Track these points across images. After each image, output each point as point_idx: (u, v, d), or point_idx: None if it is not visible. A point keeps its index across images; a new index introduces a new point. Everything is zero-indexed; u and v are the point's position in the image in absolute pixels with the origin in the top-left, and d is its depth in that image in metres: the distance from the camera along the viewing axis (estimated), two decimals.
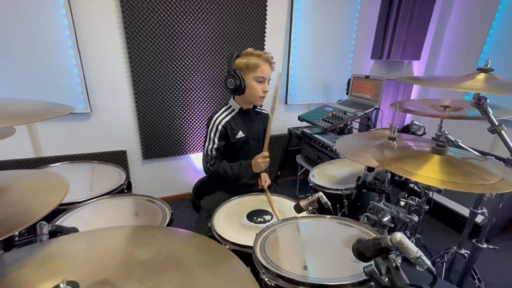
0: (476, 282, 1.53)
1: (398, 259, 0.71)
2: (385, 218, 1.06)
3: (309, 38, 2.61)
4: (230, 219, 1.16)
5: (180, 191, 2.61)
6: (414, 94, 3.16)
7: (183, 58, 2.19)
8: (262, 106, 1.62)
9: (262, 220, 1.16)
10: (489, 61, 0.98)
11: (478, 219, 1.49)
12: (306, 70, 2.72)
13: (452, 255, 1.55)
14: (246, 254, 0.90)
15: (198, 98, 2.36)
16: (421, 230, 1.80)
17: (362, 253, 0.58)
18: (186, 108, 2.34)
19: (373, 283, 0.59)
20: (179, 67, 2.20)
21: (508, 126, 1.11)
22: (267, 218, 1.17)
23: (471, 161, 0.85)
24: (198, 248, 0.72)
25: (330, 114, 2.37)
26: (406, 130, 1.55)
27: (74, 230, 0.83)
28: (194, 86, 2.30)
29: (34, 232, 0.77)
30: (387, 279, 0.55)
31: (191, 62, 2.23)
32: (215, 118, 1.40)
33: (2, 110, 0.65)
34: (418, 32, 2.80)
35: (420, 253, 0.51)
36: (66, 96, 1.94)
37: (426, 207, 1.23)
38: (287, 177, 3.05)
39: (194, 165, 2.57)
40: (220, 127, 1.38)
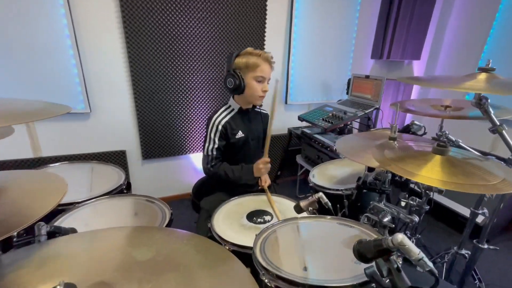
0: (476, 282, 1.53)
1: (399, 260, 0.71)
2: (385, 219, 1.06)
3: (309, 38, 2.61)
4: (230, 220, 1.15)
5: (179, 191, 2.61)
6: (414, 94, 3.16)
7: (183, 58, 2.18)
8: (262, 105, 1.61)
9: (262, 220, 1.15)
10: (490, 60, 0.97)
11: (478, 219, 1.48)
12: (306, 70, 2.72)
13: (452, 256, 1.54)
14: (246, 255, 0.89)
15: (198, 98, 2.35)
16: (421, 230, 1.80)
17: (363, 254, 0.58)
18: (185, 108, 2.33)
19: (374, 285, 0.58)
20: (179, 67, 2.19)
21: (509, 126, 1.11)
22: (267, 218, 1.17)
23: (472, 161, 0.85)
24: (197, 249, 0.71)
25: (330, 114, 2.36)
26: (407, 130, 1.54)
27: (73, 230, 0.82)
28: (194, 85, 2.30)
29: (33, 232, 0.76)
30: (388, 281, 0.54)
31: (191, 62, 2.22)
32: (215, 118, 1.39)
33: None
34: (418, 32, 2.79)
35: (422, 254, 0.51)
36: (66, 96, 1.93)
37: (427, 208, 1.23)
38: (287, 177, 3.04)
39: (193, 165, 2.57)
40: (220, 127, 1.37)
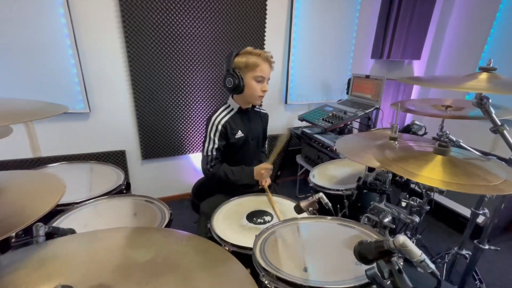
0: (477, 283, 1.52)
1: (400, 261, 0.70)
2: (386, 219, 1.06)
3: (309, 37, 2.60)
4: (230, 220, 1.15)
5: (179, 191, 2.60)
6: (414, 94, 3.15)
7: (183, 58, 2.18)
8: (261, 105, 1.61)
9: (262, 221, 1.15)
10: (491, 60, 0.97)
11: (479, 220, 1.48)
12: (306, 70, 2.71)
13: (453, 256, 1.54)
14: (245, 256, 0.89)
15: (198, 97, 2.35)
16: (422, 230, 1.79)
17: (364, 255, 0.57)
18: (185, 107, 2.32)
19: (375, 287, 0.57)
20: (179, 67, 2.19)
21: (510, 126, 1.10)
22: (267, 219, 1.16)
23: (474, 161, 0.84)
24: (197, 250, 0.70)
25: (330, 114, 2.36)
26: (407, 130, 1.54)
27: (71, 231, 0.82)
28: (194, 85, 2.29)
29: (31, 233, 0.76)
30: (390, 282, 0.54)
31: (191, 62, 2.21)
32: (215, 117, 1.38)
33: None
34: (418, 31, 2.79)
35: (423, 256, 0.50)
36: (65, 95, 1.92)
37: (427, 208, 1.22)
38: (287, 177, 3.04)
39: (193, 165, 2.56)
40: (220, 127, 1.36)
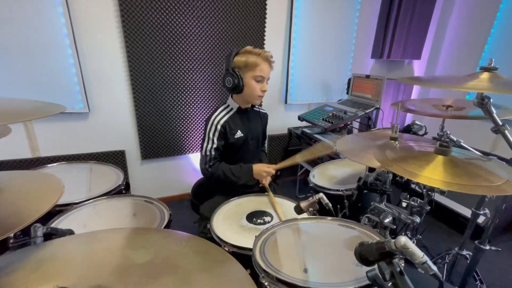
0: (478, 283, 1.51)
1: (402, 263, 0.70)
2: (386, 220, 1.05)
3: (309, 37, 2.59)
4: (230, 220, 1.14)
5: (179, 191, 2.59)
6: (414, 94, 3.15)
7: (182, 58, 2.17)
8: (261, 105, 1.60)
9: (262, 221, 1.14)
10: (492, 60, 0.96)
11: (479, 220, 1.47)
12: (306, 70, 2.70)
13: (453, 256, 1.53)
14: (245, 256, 0.88)
15: (198, 97, 2.34)
16: (422, 231, 1.79)
17: (364, 257, 0.56)
18: (185, 107, 2.32)
19: None
20: (178, 67, 2.18)
21: (511, 126, 1.09)
22: (267, 219, 1.16)
23: (475, 161, 0.84)
24: (196, 251, 0.70)
25: (331, 114, 2.35)
26: (408, 130, 1.53)
27: (70, 232, 0.81)
28: (193, 85, 2.29)
29: (30, 234, 0.75)
30: (391, 284, 0.53)
31: (190, 62, 2.21)
32: (214, 117, 1.37)
33: None
34: (418, 31, 2.78)
35: (426, 258, 0.50)
36: (64, 95, 1.92)
37: (428, 208, 1.21)
38: (287, 177, 3.03)
39: (193, 165, 2.56)
40: (219, 127, 1.35)
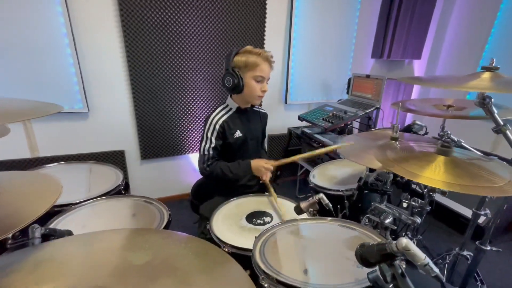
0: (478, 283, 1.51)
1: (403, 264, 0.69)
2: (387, 220, 1.05)
3: (309, 37, 2.59)
4: (229, 221, 1.14)
5: (179, 192, 2.59)
6: (415, 94, 3.14)
7: (182, 57, 2.16)
8: (261, 105, 1.59)
9: (262, 222, 1.14)
10: (494, 59, 0.96)
11: (480, 220, 1.47)
12: (306, 70, 2.70)
13: (454, 257, 1.53)
14: (245, 257, 0.88)
15: (197, 97, 2.33)
16: (422, 231, 1.78)
17: (365, 258, 0.56)
18: (185, 107, 2.31)
19: None
20: (178, 66, 2.17)
21: None
22: (267, 219, 1.15)
23: (476, 162, 0.83)
24: (195, 252, 0.69)
25: (331, 114, 2.34)
26: (408, 129, 1.53)
27: (68, 233, 0.80)
28: (193, 85, 2.28)
29: (28, 235, 0.74)
30: (392, 286, 0.53)
31: (190, 62, 2.20)
32: (212, 117, 1.36)
33: None
34: (419, 31, 2.77)
35: (427, 260, 0.49)
36: (63, 95, 1.91)
37: (428, 208, 1.21)
38: (287, 177, 3.03)
39: (193, 165, 2.55)
40: (217, 126, 1.34)
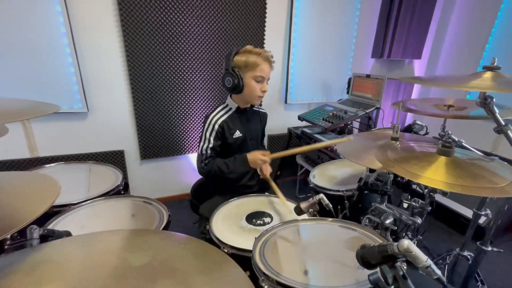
0: (479, 284, 1.50)
1: (404, 265, 0.69)
2: (387, 220, 1.04)
3: (309, 37, 2.58)
4: (229, 221, 1.13)
5: (178, 192, 2.58)
6: (415, 93, 3.14)
7: (182, 57, 2.16)
8: (261, 105, 1.59)
9: (262, 222, 1.13)
10: (495, 59, 0.95)
11: (480, 220, 1.46)
12: (306, 69, 2.69)
13: (454, 257, 1.52)
14: (245, 258, 0.87)
15: (197, 97, 2.33)
16: (423, 231, 1.78)
17: (366, 260, 0.55)
18: (184, 107, 2.31)
19: None
20: (178, 66, 2.17)
21: None
22: (267, 220, 1.15)
23: (478, 162, 0.83)
24: (195, 253, 0.69)
25: (331, 114, 2.34)
26: (409, 129, 1.53)
27: (67, 234, 0.80)
28: (193, 85, 2.27)
29: (26, 235, 0.74)
30: None
31: (190, 61, 2.20)
32: (212, 117, 1.36)
33: None
34: (419, 30, 2.77)
35: (429, 261, 0.48)
36: (62, 95, 1.90)
37: (429, 209, 1.20)
38: (287, 177, 3.02)
39: (192, 165, 2.54)
40: (216, 126, 1.33)
